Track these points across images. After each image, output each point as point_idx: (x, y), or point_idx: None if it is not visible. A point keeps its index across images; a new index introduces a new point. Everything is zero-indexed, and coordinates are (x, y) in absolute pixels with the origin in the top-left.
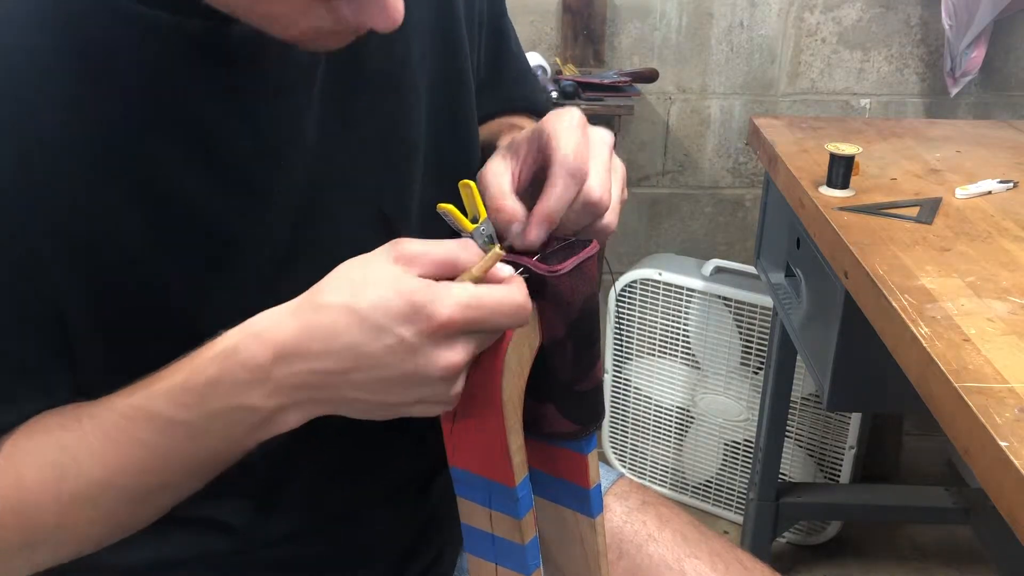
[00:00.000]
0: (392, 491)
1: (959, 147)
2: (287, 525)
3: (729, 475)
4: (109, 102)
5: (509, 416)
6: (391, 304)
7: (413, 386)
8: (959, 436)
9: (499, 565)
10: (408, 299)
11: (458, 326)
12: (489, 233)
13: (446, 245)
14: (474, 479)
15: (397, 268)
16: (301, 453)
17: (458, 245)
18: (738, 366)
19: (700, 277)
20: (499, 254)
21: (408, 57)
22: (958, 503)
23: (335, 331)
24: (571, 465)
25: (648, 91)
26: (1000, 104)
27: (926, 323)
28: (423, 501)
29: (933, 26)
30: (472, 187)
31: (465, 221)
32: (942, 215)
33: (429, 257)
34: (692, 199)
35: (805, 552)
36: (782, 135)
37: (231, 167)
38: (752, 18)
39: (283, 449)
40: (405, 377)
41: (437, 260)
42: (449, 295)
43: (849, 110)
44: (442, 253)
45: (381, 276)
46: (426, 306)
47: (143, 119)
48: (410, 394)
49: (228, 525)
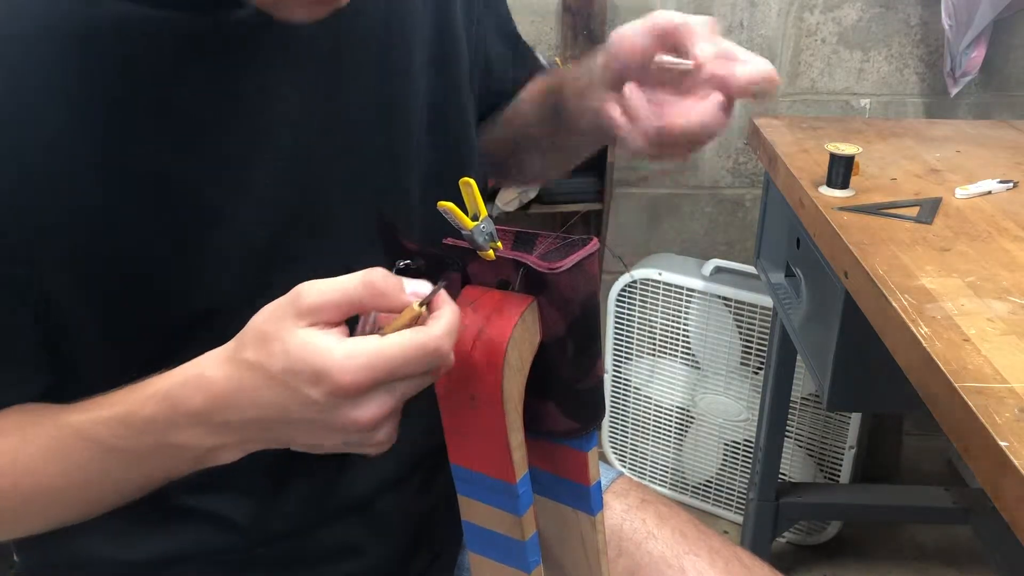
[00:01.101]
0: (393, 488)
1: (959, 147)
2: (289, 521)
3: (729, 475)
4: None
5: (509, 413)
6: (297, 369)
7: (336, 433)
8: (959, 436)
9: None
10: (311, 365)
11: (363, 387)
12: (490, 231)
13: (347, 289)
14: (475, 476)
15: (300, 326)
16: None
17: (361, 283)
18: (738, 366)
19: (700, 277)
20: (415, 312)
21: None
22: (958, 503)
23: (256, 387)
24: (571, 462)
25: None
26: (1000, 104)
27: (926, 323)
28: (424, 498)
29: (933, 26)
30: (472, 185)
31: (466, 219)
32: (942, 215)
33: (331, 306)
34: (692, 199)
35: (805, 552)
36: (782, 135)
37: (221, 154)
38: (752, 18)
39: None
40: (328, 428)
41: (340, 306)
42: (349, 358)
43: (849, 110)
44: (342, 299)
45: (287, 337)
46: (329, 372)
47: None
48: (337, 439)
49: (231, 521)
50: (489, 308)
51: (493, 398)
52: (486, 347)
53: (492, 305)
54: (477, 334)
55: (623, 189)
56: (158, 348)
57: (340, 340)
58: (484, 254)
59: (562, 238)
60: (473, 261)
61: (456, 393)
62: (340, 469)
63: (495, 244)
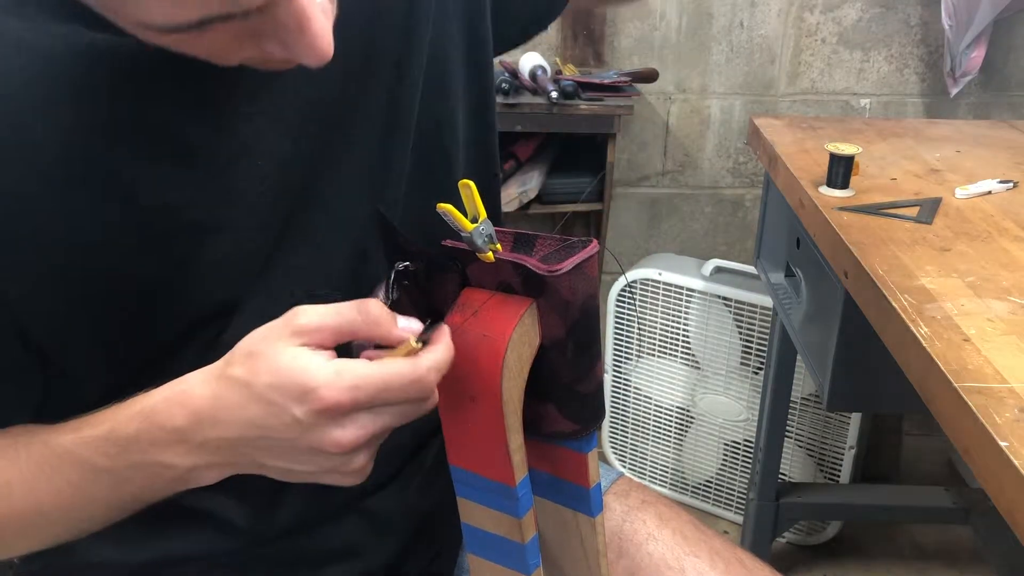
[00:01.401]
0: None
1: (959, 147)
2: (289, 522)
3: (729, 475)
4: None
5: (509, 415)
6: (283, 384)
7: (314, 457)
8: (959, 436)
9: (500, 564)
10: (298, 382)
11: (347, 407)
12: (489, 233)
13: (343, 313)
14: (474, 478)
15: (292, 345)
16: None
17: (356, 309)
18: (738, 366)
19: (700, 277)
20: (412, 347)
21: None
22: (958, 503)
23: (239, 404)
24: (571, 464)
25: (648, 91)
26: (1000, 104)
27: (926, 323)
28: (424, 498)
29: (933, 26)
30: (471, 187)
31: (465, 221)
32: (942, 215)
33: (327, 328)
34: (692, 199)
35: (805, 552)
36: (782, 135)
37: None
38: (752, 18)
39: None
40: (306, 450)
41: (334, 330)
42: (337, 375)
43: (849, 110)
44: (338, 322)
45: (276, 355)
46: (316, 389)
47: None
48: (313, 464)
49: (232, 523)
50: (488, 310)
51: (493, 400)
52: (486, 349)
53: (491, 307)
54: (477, 336)
55: (623, 189)
56: (149, 359)
57: (329, 360)
58: (483, 256)
59: (562, 240)
60: (472, 263)
61: (456, 395)
62: None
63: (494, 246)
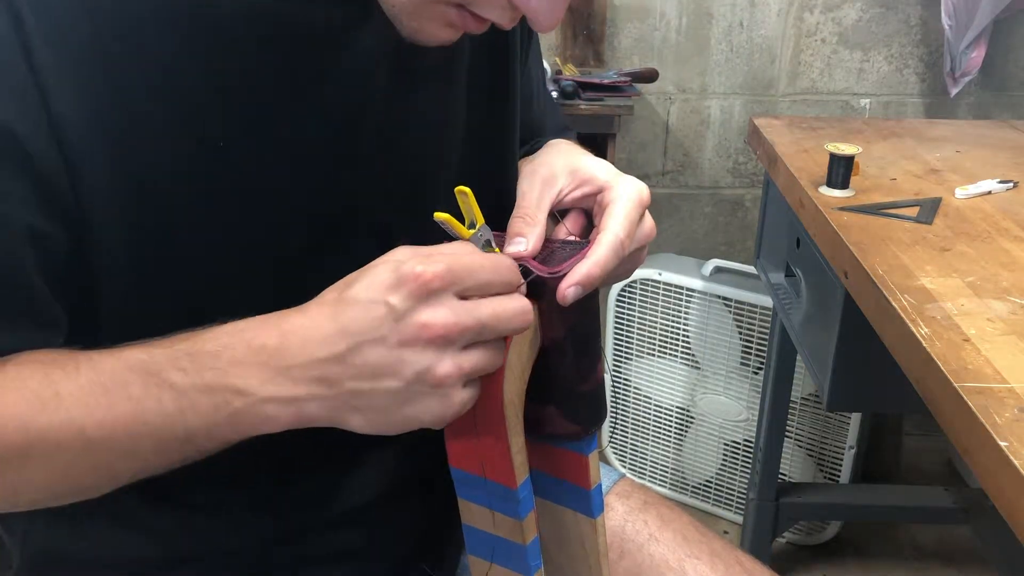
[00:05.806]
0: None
1: (959, 147)
2: (292, 525)
3: (729, 475)
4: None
5: (510, 417)
6: (375, 279)
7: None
8: (959, 436)
9: (501, 566)
10: (390, 270)
11: (441, 280)
12: (487, 238)
13: None
14: (475, 480)
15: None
16: (306, 453)
17: None
18: (738, 366)
19: (700, 277)
20: None
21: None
22: (958, 503)
23: (331, 315)
24: (572, 466)
25: (648, 91)
26: (1000, 104)
27: (926, 323)
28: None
29: (933, 26)
30: (469, 194)
31: (462, 228)
32: (942, 215)
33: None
34: (692, 199)
35: (805, 552)
36: (782, 135)
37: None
38: (752, 18)
39: (288, 449)
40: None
41: None
42: (428, 257)
43: (849, 110)
44: None
45: (368, 268)
46: (410, 269)
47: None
48: (408, 370)
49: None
50: None
51: (494, 402)
52: None
53: None
54: None
55: None
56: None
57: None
58: None
59: (561, 242)
60: None
61: None
62: (344, 471)
63: (493, 250)
